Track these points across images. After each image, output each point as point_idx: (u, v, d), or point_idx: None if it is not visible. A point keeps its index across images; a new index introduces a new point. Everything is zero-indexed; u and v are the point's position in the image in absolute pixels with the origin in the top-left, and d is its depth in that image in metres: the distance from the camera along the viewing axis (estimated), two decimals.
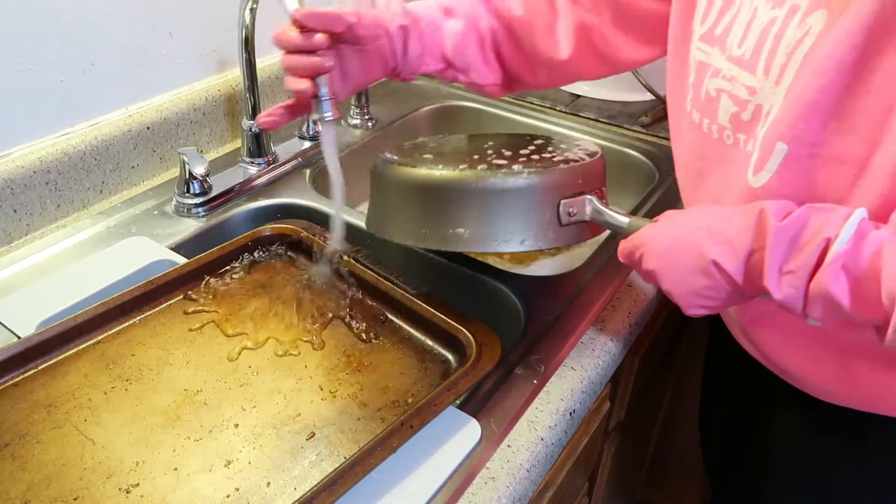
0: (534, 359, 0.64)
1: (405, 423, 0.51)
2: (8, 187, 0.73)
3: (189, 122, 0.90)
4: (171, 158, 0.90)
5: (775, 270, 0.47)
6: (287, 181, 0.90)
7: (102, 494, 0.49)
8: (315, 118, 0.58)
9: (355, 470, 0.48)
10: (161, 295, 0.66)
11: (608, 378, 0.68)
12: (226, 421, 0.55)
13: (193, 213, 0.82)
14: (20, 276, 0.71)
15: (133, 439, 0.53)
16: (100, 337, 0.62)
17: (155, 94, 0.88)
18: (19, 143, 0.75)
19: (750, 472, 0.74)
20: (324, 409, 0.57)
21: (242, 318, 0.65)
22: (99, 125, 0.81)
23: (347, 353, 0.63)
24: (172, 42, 0.87)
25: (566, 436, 0.61)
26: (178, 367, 0.60)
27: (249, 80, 0.85)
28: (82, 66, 0.78)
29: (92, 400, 0.56)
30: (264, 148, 0.90)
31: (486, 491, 0.53)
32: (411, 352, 0.63)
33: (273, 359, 0.61)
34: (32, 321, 0.63)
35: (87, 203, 0.82)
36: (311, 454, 0.53)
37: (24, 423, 0.54)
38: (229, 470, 0.52)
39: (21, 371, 0.58)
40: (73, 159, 0.78)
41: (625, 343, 0.70)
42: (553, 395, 0.61)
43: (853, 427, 0.62)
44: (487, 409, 0.59)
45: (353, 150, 1.01)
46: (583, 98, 1.18)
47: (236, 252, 0.72)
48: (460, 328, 0.61)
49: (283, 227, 0.75)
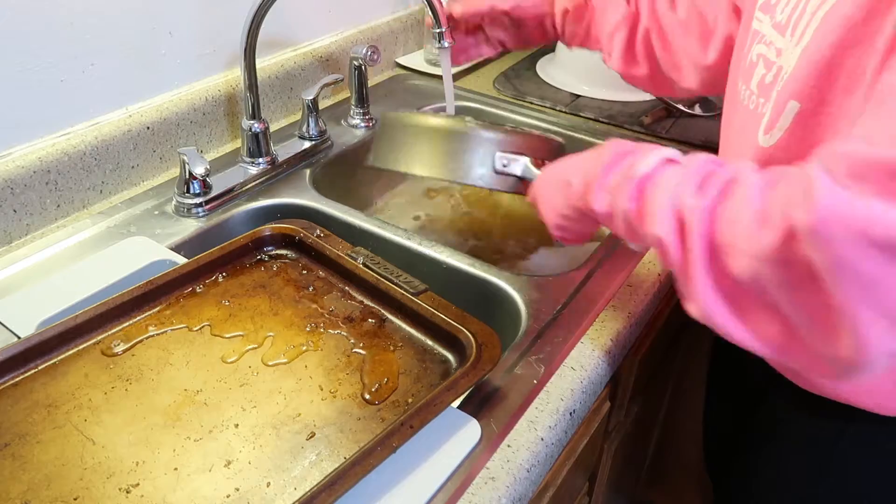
0: (534, 359, 0.64)
1: (405, 423, 0.51)
2: (8, 187, 0.73)
3: (189, 122, 0.90)
4: (171, 158, 0.90)
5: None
6: (287, 181, 0.90)
7: (102, 494, 0.49)
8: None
9: (355, 470, 0.48)
10: (161, 295, 0.66)
11: (608, 378, 0.68)
12: (226, 421, 0.55)
13: (193, 213, 0.82)
14: (20, 276, 0.71)
15: (133, 439, 0.53)
16: (100, 337, 0.62)
17: (155, 94, 0.88)
18: (19, 143, 0.75)
19: (751, 469, 0.74)
20: (324, 409, 0.57)
21: (242, 318, 0.65)
22: (99, 125, 0.81)
23: (347, 353, 0.63)
24: (172, 42, 0.87)
25: (566, 436, 0.61)
26: (178, 367, 0.60)
27: (249, 80, 0.85)
28: (82, 66, 0.78)
29: (92, 400, 0.56)
30: (264, 148, 0.90)
31: (486, 491, 0.53)
32: (411, 352, 0.63)
33: (273, 359, 0.61)
34: (32, 321, 0.63)
35: (87, 203, 0.82)
36: (311, 454, 0.53)
37: (24, 423, 0.54)
38: (229, 470, 0.52)
39: (21, 371, 0.58)
40: (73, 159, 0.78)
41: (625, 343, 0.70)
42: (553, 395, 0.61)
43: (855, 420, 0.62)
44: (487, 409, 0.59)
45: (352, 150, 1.01)
46: (583, 98, 1.18)
47: (236, 252, 0.72)
48: (460, 328, 0.61)
49: (283, 227, 0.75)
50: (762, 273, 0.43)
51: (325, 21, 1.10)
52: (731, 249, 0.44)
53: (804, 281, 0.41)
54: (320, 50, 1.08)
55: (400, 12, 1.25)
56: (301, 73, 1.05)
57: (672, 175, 0.50)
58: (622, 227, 0.54)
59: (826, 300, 0.40)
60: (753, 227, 0.43)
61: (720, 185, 0.47)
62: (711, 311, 0.47)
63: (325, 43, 1.09)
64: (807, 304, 0.42)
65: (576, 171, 0.59)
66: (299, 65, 1.04)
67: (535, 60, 1.31)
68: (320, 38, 1.10)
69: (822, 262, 0.39)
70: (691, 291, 0.47)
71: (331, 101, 1.13)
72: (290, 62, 1.03)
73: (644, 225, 0.51)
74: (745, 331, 0.46)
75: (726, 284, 0.46)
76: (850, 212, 0.38)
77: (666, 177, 0.50)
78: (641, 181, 0.52)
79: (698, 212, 0.46)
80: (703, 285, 0.46)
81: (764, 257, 0.42)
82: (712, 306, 0.46)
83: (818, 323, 0.42)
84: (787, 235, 0.40)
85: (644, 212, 0.51)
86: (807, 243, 0.39)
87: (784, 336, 0.45)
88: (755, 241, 0.42)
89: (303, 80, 1.05)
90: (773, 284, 0.43)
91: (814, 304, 0.41)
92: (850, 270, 0.38)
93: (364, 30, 1.16)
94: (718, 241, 0.45)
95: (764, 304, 0.44)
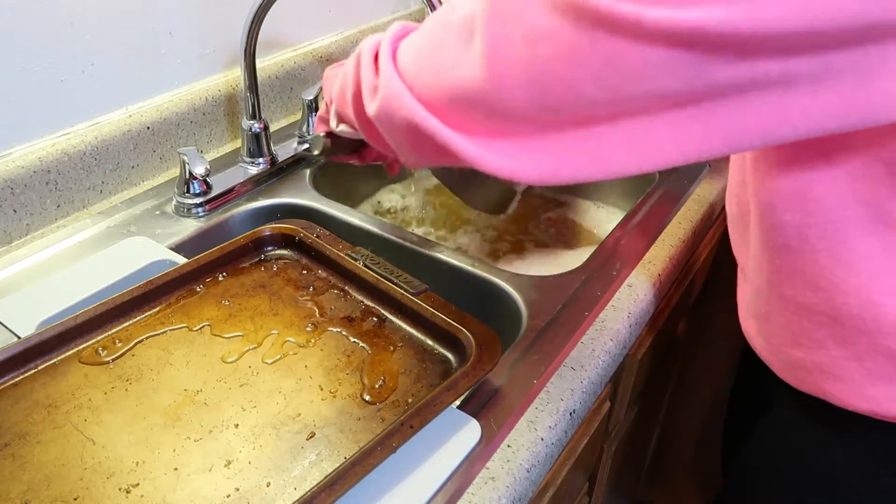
0: (534, 359, 0.64)
1: (405, 423, 0.51)
2: (8, 187, 0.73)
3: (189, 122, 0.90)
4: (171, 158, 0.90)
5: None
6: (287, 181, 0.90)
7: (102, 494, 0.49)
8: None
9: (355, 470, 0.48)
10: (161, 295, 0.66)
11: (608, 378, 0.68)
12: (226, 421, 0.55)
13: (193, 213, 0.82)
14: (20, 276, 0.71)
15: (133, 439, 0.53)
16: (100, 337, 0.62)
17: (155, 94, 0.88)
18: (19, 143, 0.75)
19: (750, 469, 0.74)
20: (324, 409, 0.57)
21: (242, 318, 0.65)
22: (99, 125, 0.81)
23: (347, 353, 0.63)
24: (172, 42, 0.87)
25: (566, 436, 0.61)
26: (178, 367, 0.60)
27: (249, 80, 0.85)
28: (82, 66, 0.78)
29: (92, 400, 0.56)
30: (264, 148, 0.90)
31: (486, 491, 0.53)
32: (411, 352, 0.63)
33: (273, 358, 0.61)
34: (32, 321, 0.63)
35: (87, 203, 0.82)
36: (311, 454, 0.53)
37: (24, 423, 0.54)
38: (229, 470, 0.52)
39: (21, 371, 0.58)
40: (73, 159, 0.78)
41: (625, 343, 0.70)
42: (553, 395, 0.61)
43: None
44: (487, 409, 0.59)
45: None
46: None
47: (236, 252, 0.72)
48: (460, 328, 0.61)
49: (283, 227, 0.75)
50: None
51: (325, 21, 1.10)
52: (408, 42, 0.53)
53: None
54: (320, 50, 1.08)
55: (400, 12, 1.25)
56: (301, 73, 1.05)
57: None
58: (337, 91, 0.61)
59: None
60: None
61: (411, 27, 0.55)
62: (393, 90, 0.51)
63: (325, 43, 1.09)
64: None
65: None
66: (299, 65, 1.04)
67: None
68: (320, 38, 1.10)
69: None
70: (381, 84, 0.53)
71: None
72: (290, 62, 1.03)
73: (347, 66, 0.58)
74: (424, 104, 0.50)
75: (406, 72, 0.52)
76: None
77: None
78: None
79: (389, 34, 0.55)
80: (389, 73, 0.52)
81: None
82: (395, 83, 0.51)
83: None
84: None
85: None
86: None
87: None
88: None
89: (303, 80, 1.05)
90: None
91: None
92: None
93: (364, 30, 1.16)
94: (400, 45, 0.53)
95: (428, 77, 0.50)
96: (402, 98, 0.50)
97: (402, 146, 0.54)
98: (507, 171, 0.47)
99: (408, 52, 0.52)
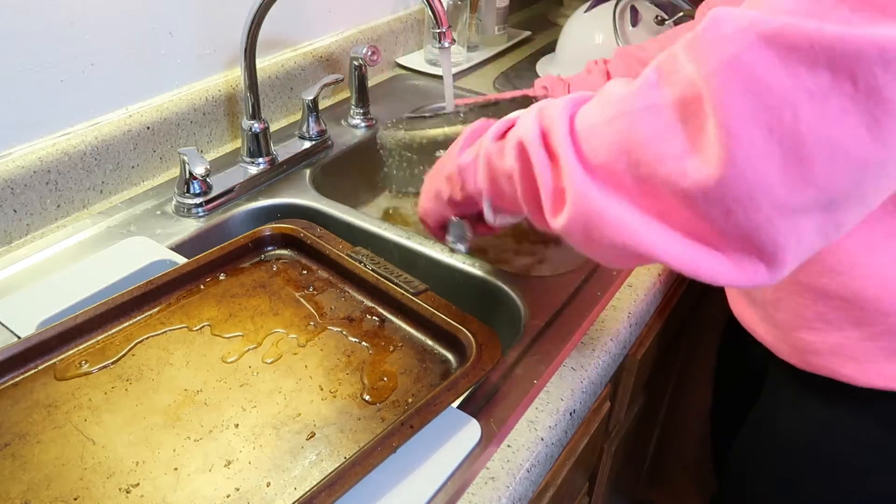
0: (534, 359, 0.64)
1: (405, 423, 0.51)
2: (8, 187, 0.73)
3: (189, 122, 0.90)
4: (171, 158, 0.90)
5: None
6: (287, 181, 0.90)
7: (102, 494, 0.49)
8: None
9: (355, 470, 0.48)
10: (161, 295, 0.66)
11: (608, 378, 0.68)
12: (226, 421, 0.55)
13: (193, 213, 0.82)
14: (20, 276, 0.71)
15: (133, 439, 0.53)
16: (100, 337, 0.62)
17: (155, 94, 0.88)
18: (19, 143, 0.75)
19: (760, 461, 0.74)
20: (324, 409, 0.57)
21: (242, 318, 0.65)
22: (99, 125, 0.81)
23: (347, 352, 0.63)
24: (172, 42, 0.87)
25: (566, 436, 0.61)
26: (178, 367, 0.60)
27: (249, 80, 0.85)
28: (82, 66, 0.78)
29: (92, 400, 0.56)
30: (264, 148, 0.90)
31: (486, 491, 0.53)
32: (411, 352, 0.63)
33: (273, 358, 0.61)
34: (32, 321, 0.63)
35: (87, 203, 0.82)
36: (311, 454, 0.53)
37: (24, 423, 0.54)
38: (229, 470, 0.52)
39: (21, 371, 0.58)
40: (73, 159, 0.78)
41: (625, 343, 0.70)
42: (553, 395, 0.61)
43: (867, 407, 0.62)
44: (487, 409, 0.59)
45: (353, 150, 1.01)
46: None
47: (236, 252, 0.72)
48: (460, 328, 0.61)
49: (283, 227, 0.75)
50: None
51: (325, 21, 1.10)
52: (594, 129, 0.45)
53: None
54: (320, 50, 1.08)
55: (400, 12, 1.25)
56: (301, 73, 1.05)
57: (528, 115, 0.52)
58: (486, 181, 0.57)
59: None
60: (614, 105, 0.43)
61: (579, 99, 0.49)
62: (590, 202, 0.44)
63: (325, 43, 1.09)
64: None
65: (440, 168, 0.64)
66: (299, 65, 1.04)
67: (535, 60, 1.31)
68: (320, 38, 1.10)
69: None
70: (569, 191, 0.45)
71: (331, 101, 1.13)
72: (290, 62, 1.03)
73: (504, 154, 0.53)
74: (638, 212, 0.43)
75: (601, 172, 0.44)
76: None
77: (524, 117, 0.52)
78: (498, 132, 0.56)
79: (559, 117, 0.47)
80: (580, 178, 0.44)
81: (630, 107, 0.42)
82: (592, 193, 0.44)
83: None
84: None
85: (504, 144, 0.53)
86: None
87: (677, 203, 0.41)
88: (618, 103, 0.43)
89: (303, 80, 1.05)
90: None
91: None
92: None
93: (364, 30, 1.16)
94: (579, 129, 0.46)
95: (638, 177, 0.42)
96: (604, 216, 0.43)
97: (598, 256, 0.48)
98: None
99: (594, 142, 0.44)
